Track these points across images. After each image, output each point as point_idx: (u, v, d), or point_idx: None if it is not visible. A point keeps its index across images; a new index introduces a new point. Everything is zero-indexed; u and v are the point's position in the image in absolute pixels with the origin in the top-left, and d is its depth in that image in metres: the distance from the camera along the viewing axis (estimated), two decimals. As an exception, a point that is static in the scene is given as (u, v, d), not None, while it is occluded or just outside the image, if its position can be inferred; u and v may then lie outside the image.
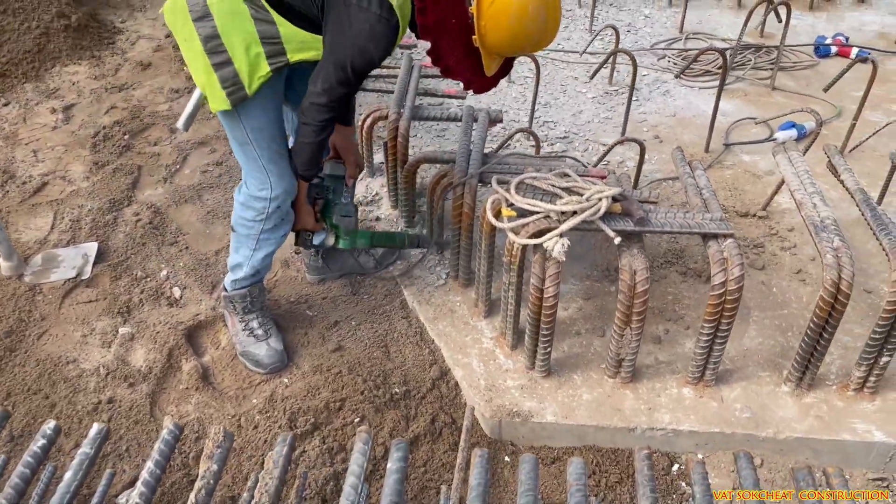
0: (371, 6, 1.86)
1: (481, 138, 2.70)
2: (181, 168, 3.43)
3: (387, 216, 3.08)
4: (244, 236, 2.31)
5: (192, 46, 1.99)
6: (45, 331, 2.57)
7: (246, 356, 2.44)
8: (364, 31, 1.88)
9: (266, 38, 1.96)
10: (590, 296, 2.61)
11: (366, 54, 1.92)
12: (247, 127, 2.10)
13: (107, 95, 3.89)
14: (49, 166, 3.39)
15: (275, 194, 2.20)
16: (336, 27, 1.92)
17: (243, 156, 2.18)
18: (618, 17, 4.61)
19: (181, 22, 2.00)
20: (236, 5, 1.93)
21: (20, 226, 3.05)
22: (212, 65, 1.97)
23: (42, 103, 3.80)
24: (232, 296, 2.43)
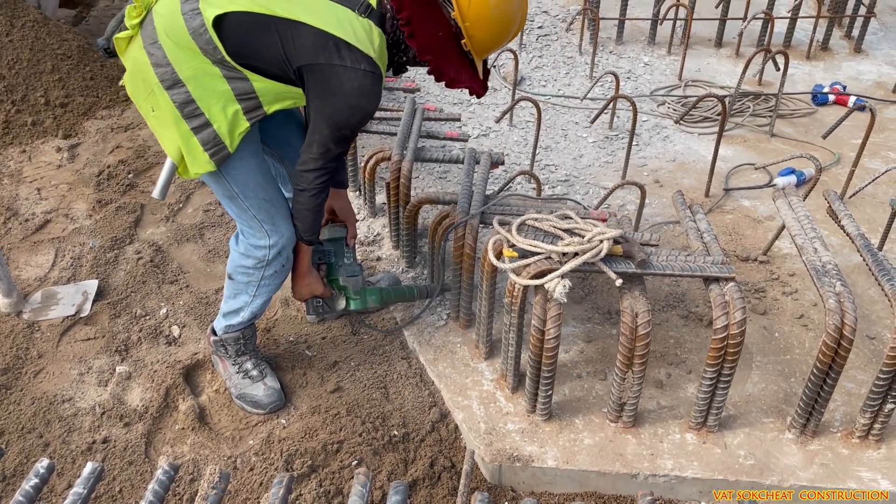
0: (356, 64, 1.87)
1: (483, 180, 2.72)
2: (184, 207, 3.45)
3: (388, 256, 3.08)
4: (243, 283, 2.27)
5: (161, 115, 1.98)
6: (42, 368, 2.55)
7: (243, 399, 2.40)
8: (354, 89, 1.89)
9: (241, 95, 1.96)
10: (591, 338, 2.60)
11: (361, 111, 1.94)
12: (231, 182, 2.08)
13: (112, 135, 3.93)
14: (52, 204, 3.41)
15: (273, 241, 2.17)
16: (323, 90, 1.91)
17: (234, 209, 2.16)
18: (618, 64, 4.68)
19: (145, 93, 1.98)
20: (207, 68, 1.92)
21: (21, 263, 3.05)
22: (190, 129, 1.95)
23: (48, 142, 3.83)
24: (224, 339, 2.38)
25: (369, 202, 3.29)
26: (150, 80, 1.95)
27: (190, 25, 1.88)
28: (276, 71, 1.94)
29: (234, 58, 1.89)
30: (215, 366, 2.50)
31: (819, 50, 4.87)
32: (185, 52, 1.91)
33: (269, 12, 1.86)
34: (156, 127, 2.03)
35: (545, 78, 4.51)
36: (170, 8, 1.92)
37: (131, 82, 2.02)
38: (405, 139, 3.00)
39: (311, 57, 1.87)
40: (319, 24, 1.85)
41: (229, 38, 1.88)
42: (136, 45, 1.97)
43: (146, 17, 1.96)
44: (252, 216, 2.13)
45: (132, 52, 1.99)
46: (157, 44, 1.93)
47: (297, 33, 1.87)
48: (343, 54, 1.86)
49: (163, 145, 2.04)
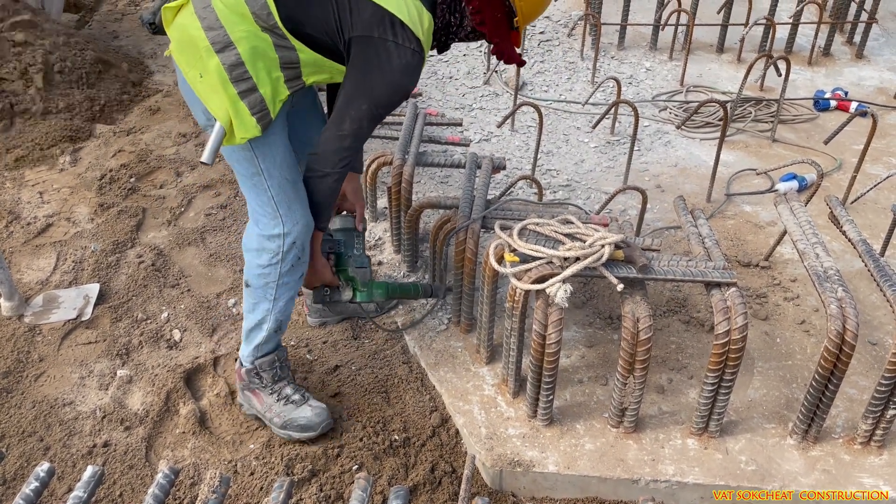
0: (407, 42, 1.90)
1: (484, 184, 2.72)
2: (186, 211, 3.45)
3: (389, 260, 3.08)
4: (261, 288, 2.18)
5: (210, 80, 1.95)
6: (43, 372, 2.55)
7: (290, 426, 2.27)
8: (401, 66, 1.92)
9: (286, 64, 1.98)
10: (592, 343, 2.59)
11: (402, 90, 1.98)
12: (259, 156, 2.04)
13: (115, 139, 3.94)
14: (54, 208, 3.42)
15: (287, 229, 2.09)
16: (370, 64, 1.93)
17: (253, 190, 2.10)
18: (619, 69, 4.69)
19: (194, 57, 1.96)
20: (258, 32, 1.93)
21: (23, 266, 3.05)
22: (238, 93, 1.94)
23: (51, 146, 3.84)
24: (258, 366, 2.27)
25: (371, 206, 3.30)
26: (199, 45, 1.93)
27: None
28: (326, 40, 1.95)
29: (285, 24, 1.91)
30: (246, 406, 2.36)
31: (821, 56, 4.87)
32: (237, 16, 1.91)
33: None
34: (204, 92, 1.99)
35: (547, 83, 4.51)
36: None
37: (179, 49, 1.99)
38: (407, 144, 3.00)
39: (367, 29, 1.89)
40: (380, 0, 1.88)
41: (285, 4, 1.90)
42: (185, 12, 1.97)
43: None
44: (269, 198, 2.08)
45: (181, 19, 1.97)
46: (209, 7, 1.92)
47: (355, 4, 1.89)
48: (397, 31, 1.89)
49: (211, 110, 2.00)
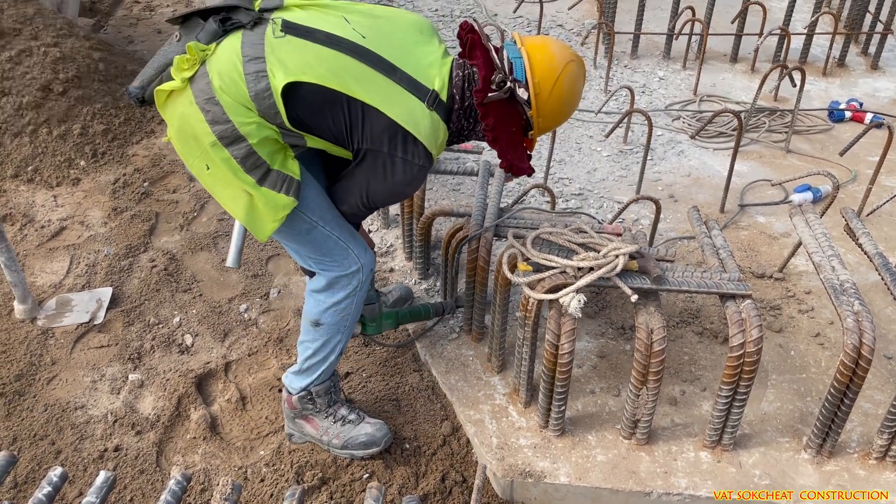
0: (416, 159, 1.87)
1: (497, 193, 2.71)
2: (198, 216, 3.46)
3: (401, 268, 3.08)
4: (334, 324, 2.14)
5: (220, 172, 1.87)
6: (55, 375, 2.56)
7: (351, 444, 2.24)
8: (405, 180, 1.91)
9: (293, 145, 1.95)
10: (605, 354, 2.58)
11: (401, 196, 2.07)
12: (307, 212, 1.98)
13: (128, 144, 3.96)
14: (68, 211, 3.43)
15: (364, 261, 2.09)
16: (375, 172, 1.91)
17: (312, 244, 2.04)
18: (633, 78, 4.68)
19: (197, 150, 1.87)
20: (266, 125, 1.85)
21: (36, 269, 3.07)
22: (256, 181, 1.86)
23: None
24: (316, 391, 2.23)
25: (382, 214, 3.30)
26: (203, 138, 1.84)
27: (253, 88, 1.80)
28: (334, 139, 1.92)
29: (292, 122, 1.85)
30: (297, 434, 2.31)
31: (835, 66, 4.84)
32: (243, 110, 1.82)
33: (346, 91, 1.82)
34: (213, 185, 1.91)
35: (559, 91, 4.50)
36: (229, 65, 1.82)
37: (180, 139, 1.90)
38: (420, 151, 3.00)
39: (377, 144, 1.86)
40: (393, 114, 1.82)
41: (295, 107, 1.82)
42: (183, 99, 1.85)
43: (197, 71, 1.85)
44: (336, 241, 2.04)
45: (178, 107, 1.87)
46: (213, 100, 1.82)
47: (368, 117, 1.84)
48: (408, 148, 1.86)
49: (224, 204, 1.92)
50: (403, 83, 1.85)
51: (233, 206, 1.90)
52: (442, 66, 1.92)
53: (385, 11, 2.00)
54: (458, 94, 1.92)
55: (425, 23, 2.02)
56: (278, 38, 1.83)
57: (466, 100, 1.93)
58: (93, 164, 3.77)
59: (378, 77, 1.83)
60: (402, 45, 1.90)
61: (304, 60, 1.81)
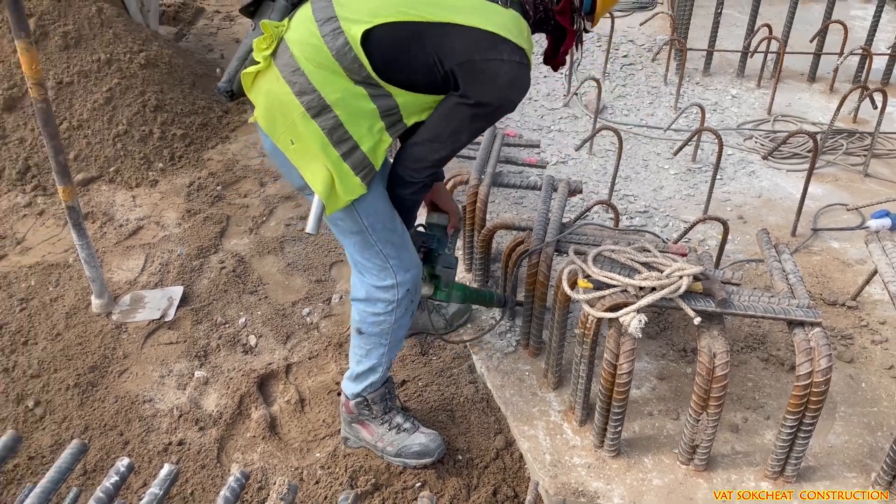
0: (512, 56, 1.82)
1: (560, 208, 2.71)
2: (267, 220, 3.57)
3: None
4: (375, 335, 2.16)
5: (304, 146, 1.90)
6: (126, 368, 2.67)
7: (405, 453, 2.26)
8: (508, 81, 1.84)
9: (385, 112, 1.90)
10: (664, 376, 2.53)
11: (509, 103, 1.90)
12: (361, 213, 1.98)
13: (204, 149, 4.11)
14: (145, 211, 3.59)
15: (400, 279, 2.08)
16: (474, 83, 1.84)
17: (358, 247, 2.06)
18: (704, 95, 4.59)
19: (284, 125, 1.90)
20: (352, 88, 1.86)
21: (113, 266, 3.21)
22: (340, 155, 1.88)
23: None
24: (371, 398, 2.24)
25: (445, 224, 3.32)
26: (291, 111, 1.87)
27: (332, 46, 1.82)
28: (424, 78, 1.88)
29: (379, 73, 1.84)
30: (353, 439, 2.34)
31: (921, 87, 4.64)
32: (329, 75, 1.84)
33: (419, 18, 1.81)
34: (298, 159, 1.93)
35: (628, 107, 4.46)
36: (305, 33, 1.86)
37: (266, 116, 1.93)
38: (484, 164, 3.02)
39: (466, 55, 1.81)
40: (471, 22, 1.80)
41: (376, 53, 1.82)
42: (269, 77, 1.90)
43: (278, 47, 1.89)
44: (378, 251, 2.04)
45: (265, 85, 1.91)
46: (298, 71, 1.85)
47: (449, 35, 1.81)
48: (499, 48, 1.81)
49: (307, 178, 1.93)
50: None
51: (313, 178, 1.92)
52: None
53: None
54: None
55: None
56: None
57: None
58: (170, 167, 3.92)
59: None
60: None
61: (373, 5, 1.83)
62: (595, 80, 3.87)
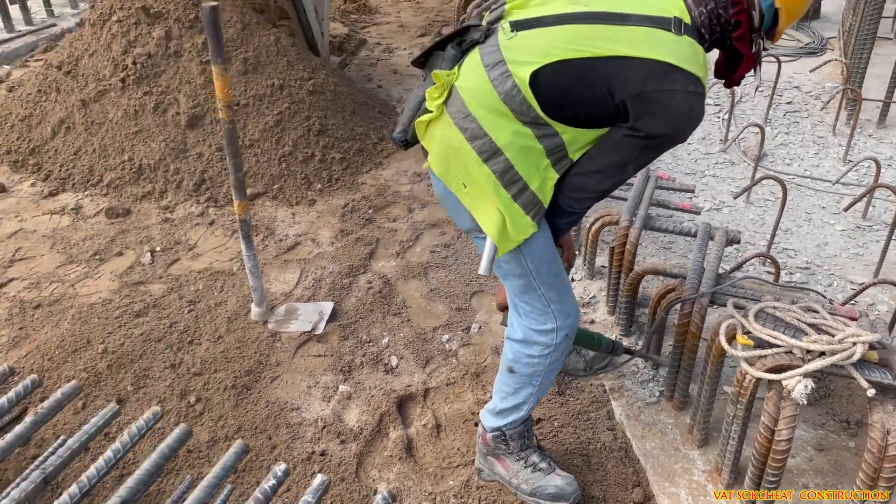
0: (686, 86, 1.77)
1: (717, 257, 2.61)
2: (413, 245, 3.67)
3: (602, 321, 3.04)
4: (526, 375, 2.14)
5: (476, 189, 1.93)
6: (278, 376, 2.82)
7: (539, 493, 2.22)
8: (682, 112, 1.79)
9: (551, 150, 1.91)
10: (823, 447, 2.35)
11: (681, 134, 1.84)
12: (526, 256, 1.99)
13: (359, 173, 4.31)
14: (303, 228, 3.80)
15: (560, 323, 2.05)
16: (646, 115, 1.80)
17: (520, 290, 2.06)
18: (878, 149, 4.28)
19: (458, 169, 1.95)
20: (520, 129, 1.88)
21: (272, 277, 3.42)
22: (510, 196, 1.90)
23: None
24: (510, 434, 2.23)
25: (588, 263, 3.29)
26: (464, 156, 1.92)
27: (501, 90, 1.86)
28: (593, 112, 1.86)
29: (548, 112, 1.85)
30: (487, 471, 2.32)
31: None
32: (499, 119, 1.88)
33: (586, 54, 1.80)
34: (470, 203, 1.97)
35: (790, 156, 4.24)
36: (475, 79, 1.91)
37: (441, 162, 1.98)
38: (636, 206, 2.97)
39: (639, 86, 1.78)
40: (643, 53, 1.77)
41: (544, 92, 1.83)
42: (442, 124, 1.96)
43: (449, 95, 1.95)
44: (540, 296, 2.04)
45: (438, 132, 1.97)
46: (469, 116, 1.90)
47: (620, 68, 1.79)
48: (673, 77, 1.76)
49: (479, 220, 1.96)
50: (641, 23, 1.80)
51: (485, 221, 1.95)
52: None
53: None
54: (701, 7, 1.88)
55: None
56: (510, 38, 1.90)
57: (712, 14, 1.88)
58: (327, 188, 4.14)
59: (613, 29, 1.81)
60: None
61: (540, 46, 1.84)
62: (758, 127, 3.72)
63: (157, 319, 3.07)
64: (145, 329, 3.00)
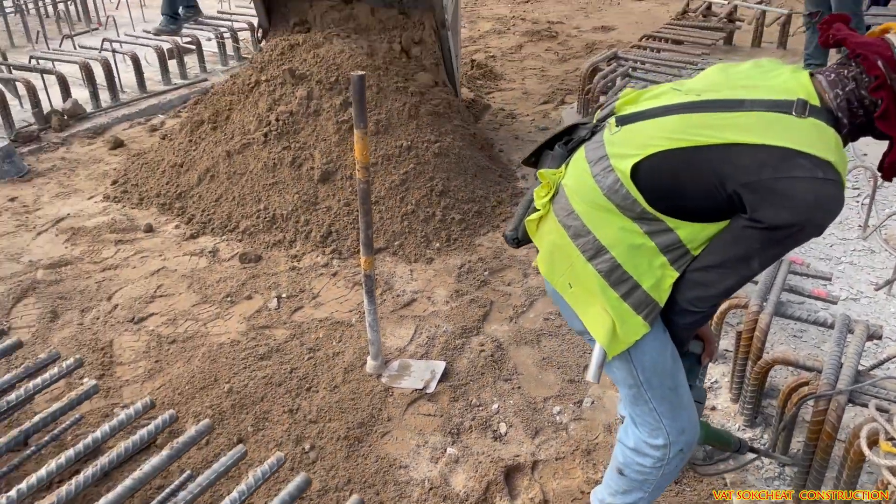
0: (811, 172, 1.60)
1: (856, 352, 2.45)
2: (527, 311, 3.67)
3: (724, 408, 2.90)
4: (637, 482, 2.05)
5: (582, 290, 1.87)
6: (389, 431, 2.86)
7: None
8: (808, 202, 1.60)
9: (666, 247, 1.79)
10: (977, 576, 2.12)
11: (813, 226, 1.63)
12: (637, 367, 1.89)
13: (477, 234, 4.38)
14: (420, 286, 3.88)
15: (673, 439, 1.95)
16: (765, 206, 1.63)
17: (631, 399, 1.98)
18: None
19: (563, 268, 1.90)
20: (627, 225, 1.80)
21: (387, 332, 3.50)
22: (618, 295, 1.81)
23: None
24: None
25: (711, 346, 3.16)
26: (569, 255, 1.88)
27: (603, 184, 1.82)
28: (704, 204, 1.74)
29: (654, 205, 1.76)
30: None
31: None
32: (604, 214, 1.82)
33: (693, 143, 1.70)
34: (576, 303, 1.91)
35: (938, 247, 3.96)
36: (579, 175, 1.89)
37: (546, 261, 1.96)
38: (767, 290, 2.85)
39: (752, 174, 1.63)
40: (755, 139, 1.64)
41: (648, 185, 1.76)
42: (549, 222, 1.95)
43: (556, 193, 1.96)
44: (651, 409, 1.94)
45: (546, 230, 1.96)
46: (573, 214, 1.87)
47: (730, 156, 1.67)
48: (794, 163, 1.60)
49: (586, 323, 1.89)
50: (757, 108, 1.68)
51: (592, 323, 1.87)
52: (797, 76, 1.75)
53: (717, 67, 1.92)
54: (836, 89, 1.72)
55: (763, 59, 1.87)
56: (614, 132, 1.86)
57: (851, 96, 1.71)
58: (445, 248, 4.23)
59: (725, 116, 1.70)
60: (742, 83, 1.76)
61: (642, 138, 1.79)
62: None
63: (279, 364, 3.20)
64: (268, 372, 3.14)
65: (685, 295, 1.82)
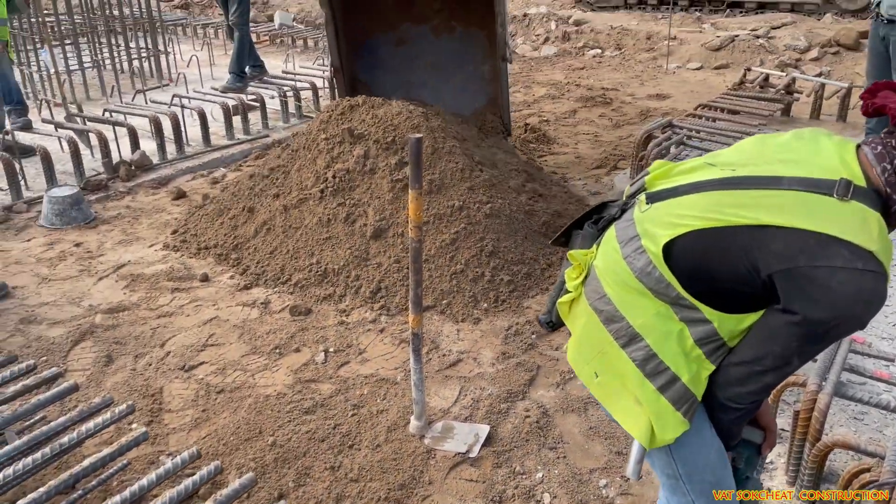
0: (850, 262, 1.48)
1: (923, 441, 2.33)
2: (574, 378, 3.61)
3: (780, 490, 2.78)
4: None
5: (611, 380, 1.77)
6: (430, 495, 2.81)
7: None
8: (848, 294, 1.48)
9: (702, 339, 1.68)
10: None
11: (853, 320, 1.52)
12: (677, 459, 1.78)
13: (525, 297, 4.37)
14: (466, 346, 3.87)
15: None
16: (801, 297, 1.53)
17: (669, 489, 1.88)
18: None
19: (591, 355, 1.80)
20: (661, 310, 1.70)
21: (432, 392, 3.48)
22: (656, 388, 1.69)
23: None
24: None
25: (766, 424, 3.04)
26: (600, 340, 1.76)
27: (635, 267, 1.72)
28: (738, 287, 1.63)
29: (689, 289, 1.66)
30: None
31: None
32: (636, 297, 1.72)
33: (725, 223, 1.60)
34: (604, 396, 1.80)
35: None
36: (610, 257, 1.80)
37: (575, 347, 1.86)
38: (826, 369, 2.75)
39: (786, 261, 1.53)
40: (792, 222, 1.53)
41: (681, 266, 1.66)
42: (580, 305, 1.85)
43: (588, 275, 1.87)
44: (689, 501, 1.84)
45: (577, 312, 1.87)
46: (604, 298, 1.77)
47: (764, 238, 1.56)
48: (832, 251, 1.49)
49: (616, 418, 1.79)
50: (795, 187, 1.56)
51: (623, 418, 1.76)
52: (841, 151, 1.61)
53: (755, 139, 1.80)
54: (884, 163, 1.58)
55: (805, 130, 1.73)
56: (644, 210, 1.77)
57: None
58: (493, 308, 4.22)
59: (757, 194, 1.59)
60: (780, 158, 1.64)
61: (673, 217, 1.69)
62: (972, 296, 3.37)
63: (323, 419, 3.20)
64: (311, 427, 3.14)
65: (724, 392, 1.72)
